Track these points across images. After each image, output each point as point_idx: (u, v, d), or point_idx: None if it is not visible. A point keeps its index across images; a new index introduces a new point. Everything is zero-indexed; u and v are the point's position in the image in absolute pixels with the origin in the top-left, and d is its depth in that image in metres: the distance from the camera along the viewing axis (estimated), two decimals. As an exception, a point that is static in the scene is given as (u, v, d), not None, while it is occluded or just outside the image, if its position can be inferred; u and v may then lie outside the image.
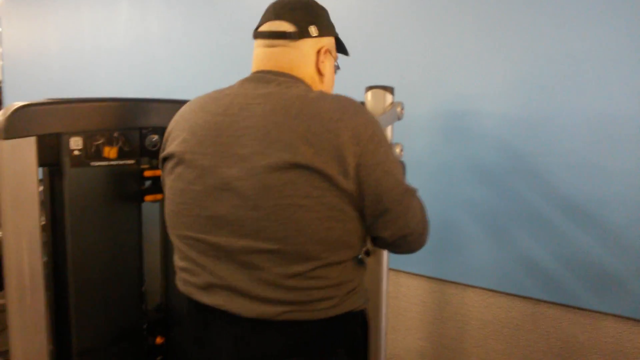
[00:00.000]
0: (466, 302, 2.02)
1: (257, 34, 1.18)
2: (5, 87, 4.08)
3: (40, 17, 3.76)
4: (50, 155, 1.32)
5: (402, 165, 1.34)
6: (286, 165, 0.98)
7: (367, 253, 1.76)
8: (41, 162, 1.30)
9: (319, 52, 1.19)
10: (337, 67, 1.30)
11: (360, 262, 1.19)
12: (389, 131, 1.71)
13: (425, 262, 2.10)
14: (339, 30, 1.28)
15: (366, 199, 1.04)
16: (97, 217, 1.40)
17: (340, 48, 1.29)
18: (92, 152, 1.36)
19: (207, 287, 1.09)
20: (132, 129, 1.38)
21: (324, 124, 1.00)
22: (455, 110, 1.96)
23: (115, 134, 1.39)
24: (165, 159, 1.16)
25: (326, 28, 1.21)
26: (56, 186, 1.36)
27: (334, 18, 1.27)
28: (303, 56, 1.17)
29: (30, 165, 1.27)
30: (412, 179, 1.26)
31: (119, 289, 1.45)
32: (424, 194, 1.23)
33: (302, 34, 1.15)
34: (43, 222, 1.35)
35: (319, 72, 1.20)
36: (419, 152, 2.00)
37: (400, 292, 2.18)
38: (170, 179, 1.13)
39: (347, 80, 1.80)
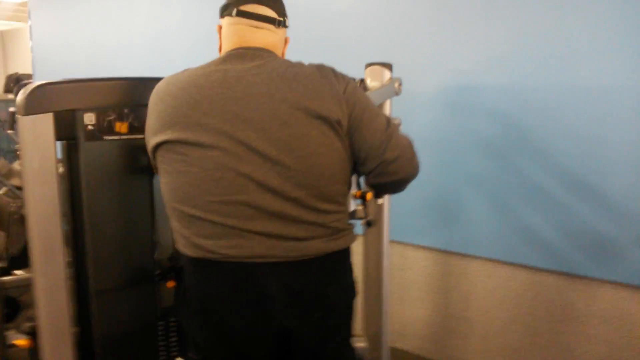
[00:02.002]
0: (470, 273, 2.08)
1: (243, 13, 1.26)
2: (35, 79, 4.27)
3: (67, 10, 3.92)
4: (67, 130, 1.43)
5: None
6: (298, 119, 1.15)
7: (369, 223, 1.83)
8: (58, 137, 1.41)
9: (286, 41, 1.36)
10: None
11: None
12: (387, 106, 1.78)
13: (430, 234, 2.16)
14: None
15: (358, 136, 1.22)
16: (110, 186, 1.51)
17: None
18: (104, 127, 1.47)
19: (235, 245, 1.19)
20: (141, 105, 1.48)
21: (319, 80, 1.19)
22: (455, 85, 2.01)
23: (126, 110, 1.49)
24: (167, 140, 1.23)
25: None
26: (73, 158, 1.47)
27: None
28: (279, 42, 1.32)
29: (48, 139, 1.38)
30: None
31: (133, 243, 1.56)
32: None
33: (282, 23, 1.30)
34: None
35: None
36: (421, 127, 2.05)
37: (407, 264, 2.25)
38: (184, 148, 1.20)
39: (348, 57, 1.86)
